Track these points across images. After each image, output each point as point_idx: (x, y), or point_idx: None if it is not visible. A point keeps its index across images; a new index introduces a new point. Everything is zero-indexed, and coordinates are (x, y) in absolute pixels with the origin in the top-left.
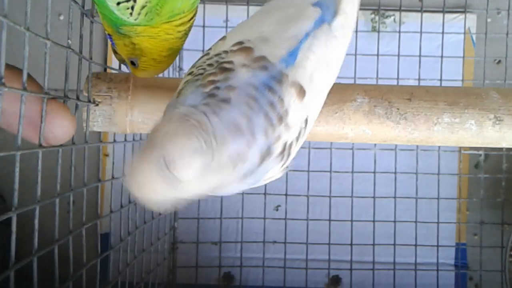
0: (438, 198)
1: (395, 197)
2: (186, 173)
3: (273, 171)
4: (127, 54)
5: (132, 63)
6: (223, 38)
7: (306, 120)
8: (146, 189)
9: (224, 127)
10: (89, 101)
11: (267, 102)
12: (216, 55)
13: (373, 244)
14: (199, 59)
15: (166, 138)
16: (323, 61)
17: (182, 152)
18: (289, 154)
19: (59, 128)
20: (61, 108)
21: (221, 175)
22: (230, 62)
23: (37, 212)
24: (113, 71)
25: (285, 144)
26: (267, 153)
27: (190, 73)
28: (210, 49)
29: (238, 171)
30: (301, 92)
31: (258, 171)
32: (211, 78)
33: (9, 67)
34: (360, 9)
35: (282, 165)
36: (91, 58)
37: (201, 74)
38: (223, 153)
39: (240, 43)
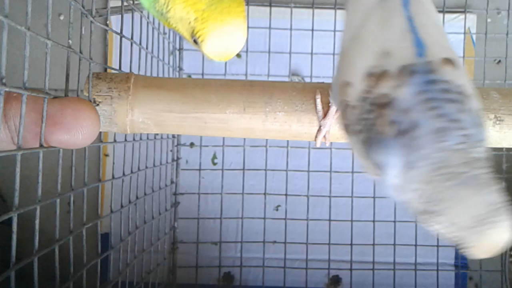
0: None
1: None
2: None
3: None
4: (187, 36)
5: (195, 41)
6: (346, 84)
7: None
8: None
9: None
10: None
11: (439, 90)
12: (361, 100)
13: (373, 244)
14: (344, 113)
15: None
16: (436, 23)
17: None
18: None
19: (85, 129)
20: (88, 108)
21: None
22: (383, 96)
23: (37, 212)
24: (113, 71)
25: (480, 110)
26: (480, 122)
27: (354, 132)
28: (343, 100)
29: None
30: (451, 62)
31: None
32: (381, 121)
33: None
34: None
35: None
36: (91, 58)
37: (370, 127)
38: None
39: (369, 73)
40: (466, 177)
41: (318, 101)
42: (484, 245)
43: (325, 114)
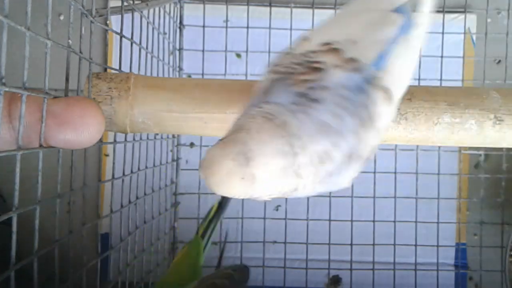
0: (438, 198)
1: (395, 197)
2: (264, 173)
3: (350, 176)
4: None
5: None
6: (306, 38)
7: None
8: (222, 182)
9: (313, 126)
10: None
11: (359, 104)
12: (303, 54)
13: (373, 244)
14: (281, 58)
15: (249, 136)
16: (404, 69)
17: (263, 151)
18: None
19: (90, 128)
20: (93, 108)
21: (300, 179)
22: (321, 62)
23: (37, 212)
24: (113, 71)
25: (372, 149)
26: (356, 156)
27: (274, 71)
28: (291, 48)
29: (321, 171)
30: (390, 97)
31: (342, 173)
32: (303, 77)
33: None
34: None
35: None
36: (91, 58)
37: (290, 73)
38: (307, 153)
39: (328, 44)
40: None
41: None
42: (214, 154)
43: None
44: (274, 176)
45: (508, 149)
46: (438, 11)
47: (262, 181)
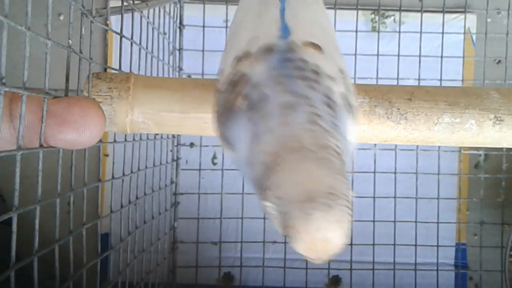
0: (438, 198)
1: (395, 197)
2: (339, 184)
3: (351, 126)
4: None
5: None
6: (220, 72)
7: (342, 70)
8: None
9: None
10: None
11: (293, 67)
12: (225, 83)
13: (373, 244)
14: (216, 103)
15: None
16: (314, 16)
17: (324, 174)
18: (351, 106)
19: (91, 127)
20: (94, 108)
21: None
22: (237, 72)
23: (37, 212)
24: (113, 71)
25: (342, 95)
26: (332, 103)
27: (214, 115)
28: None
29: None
30: (316, 46)
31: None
32: (233, 97)
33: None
34: (360, 9)
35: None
36: (91, 58)
37: (225, 105)
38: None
39: (235, 57)
40: (314, 156)
41: None
42: (308, 230)
43: None
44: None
45: (508, 149)
46: (438, 11)
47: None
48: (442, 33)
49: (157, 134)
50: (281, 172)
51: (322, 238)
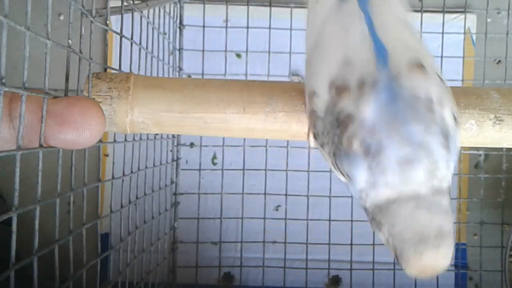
0: None
1: None
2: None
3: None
4: None
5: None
6: (311, 94)
7: (440, 77)
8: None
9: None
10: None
11: (406, 107)
12: (326, 111)
13: (373, 244)
14: (313, 119)
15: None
16: (399, 18)
17: (436, 212)
18: (456, 119)
19: (91, 128)
20: (94, 108)
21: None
22: (342, 112)
23: (37, 212)
24: (113, 71)
25: (451, 112)
26: (447, 133)
27: (321, 144)
28: (312, 110)
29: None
30: (419, 66)
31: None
32: (347, 141)
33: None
34: None
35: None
36: (91, 58)
37: (335, 142)
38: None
39: (331, 84)
40: (427, 203)
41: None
42: (419, 264)
43: None
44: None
45: (508, 149)
46: (438, 11)
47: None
48: (442, 33)
49: (157, 134)
50: (396, 215)
51: (431, 268)
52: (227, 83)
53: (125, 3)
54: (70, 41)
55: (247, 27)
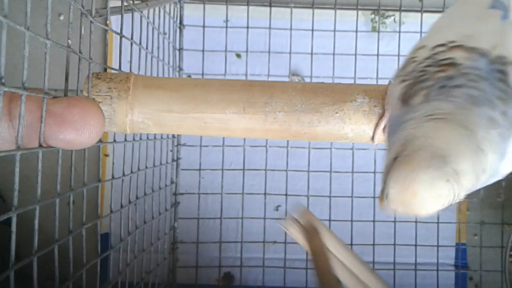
0: None
1: None
2: (464, 163)
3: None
4: None
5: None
6: (421, 46)
7: None
8: (428, 196)
9: (466, 101)
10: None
11: (496, 79)
12: (427, 58)
13: (373, 244)
14: (403, 69)
15: (429, 139)
16: None
17: (453, 143)
18: None
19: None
20: (93, 107)
21: (485, 155)
22: (451, 58)
23: (37, 212)
24: (113, 71)
25: None
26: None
27: (402, 80)
28: (411, 58)
29: (494, 136)
30: None
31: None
32: (440, 74)
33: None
34: (360, 9)
35: None
36: (91, 58)
37: (422, 76)
38: (477, 123)
39: (445, 45)
40: (458, 119)
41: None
42: (397, 179)
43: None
44: (471, 161)
45: None
46: (438, 11)
47: (465, 173)
48: None
49: (157, 134)
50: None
51: (411, 190)
52: (227, 83)
53: (125, 3)
54: (69, 41)
55: (247, 27)
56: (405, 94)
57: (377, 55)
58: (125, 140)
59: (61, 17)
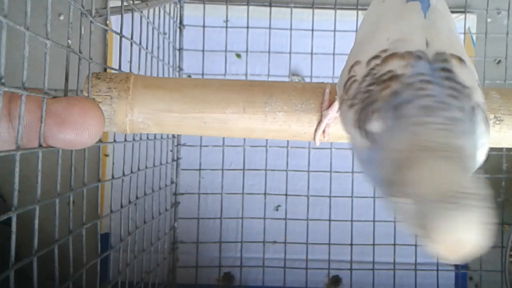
0: None
1: None
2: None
3: (484, 137)
4: None
5: None
6: (356, 62)
7: (477, 82)
8: (477, 242)
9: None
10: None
11: (442, 77)
12: (366, 76)
13: (373, 244)
14: (347, 91)
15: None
16: (449, 30)
17: (474, 182)
18: (487, 118)
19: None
20: (93, 107)
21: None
22: (390, 71)
23: (37, 212)
24: (113, 71)
25: (481, 106)
26: (471, 113)
27: (351, 105)
28: (350, 77)
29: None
30: (459, 58)
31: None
32: (386, 92)
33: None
34: (360, 9)
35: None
36: (91, 58)
37: (369, 97)
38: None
39: (378, 56)
40: (446, 155)
41: (327, 91)
42: (446, 230)
43: (329, 106)
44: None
45: (508, 149)
46: None
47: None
48: None
49: (157, 134)
50: (416, 170)
51: (462, 239)
52: (227, 83)
53: (125, 3)
54: (69, 41)
55: (247, 27)
56: (359, 121)
57: None
58: (125, 140)
59: (61, 17)
